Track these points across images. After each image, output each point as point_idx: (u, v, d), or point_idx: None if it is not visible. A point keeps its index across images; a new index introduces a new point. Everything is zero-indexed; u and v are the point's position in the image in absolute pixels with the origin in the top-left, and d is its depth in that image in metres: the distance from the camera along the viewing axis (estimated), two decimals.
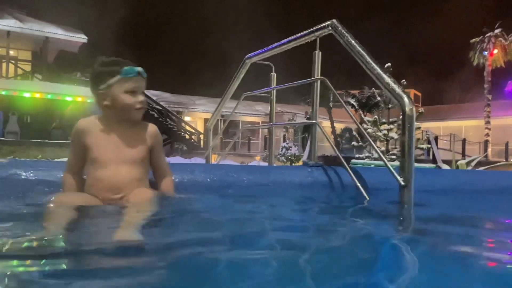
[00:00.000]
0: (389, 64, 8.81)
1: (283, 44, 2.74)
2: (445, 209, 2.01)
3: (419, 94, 35.21)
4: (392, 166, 1.88)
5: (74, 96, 19.60)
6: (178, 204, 1.85)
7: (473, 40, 26.18)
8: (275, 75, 3.26)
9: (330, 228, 1.54)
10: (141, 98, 1.79)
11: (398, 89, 1.91)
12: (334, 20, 2.32)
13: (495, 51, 25.15)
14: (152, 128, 1.89)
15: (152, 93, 24.73)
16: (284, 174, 2.39)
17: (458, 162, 6.48)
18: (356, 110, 20.90)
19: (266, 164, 13.96)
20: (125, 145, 1.78)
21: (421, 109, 8.57)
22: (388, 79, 1.96)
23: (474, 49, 26.10)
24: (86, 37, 21.98)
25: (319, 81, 2.48)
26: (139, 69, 1.77)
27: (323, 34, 2.43)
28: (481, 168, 7.27)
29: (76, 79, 22.48)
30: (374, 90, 9.20)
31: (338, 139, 23.40)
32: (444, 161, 9.90)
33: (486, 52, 25.40)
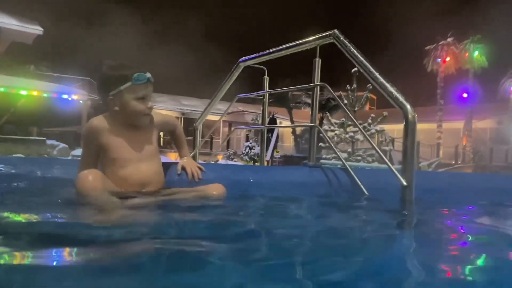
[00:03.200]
0: (355, 69, 9.15)
1: (282, 49, 2.86)
2: (443, 207, 2.19)
3: (375, 97, 36.47)
4: (357, 167, 2.05)
5: (29, 89, 18.75)
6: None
7: (428, 47, 27.54)
8: (267, 78, 3.38)
9: (334, 226, 1.63)
10: (150, 104, 1.83)
11: (401, 98, 2.07)
12: (335, 30, 2.47)
13: (448, 58, 26.56)
14: (157, 117, 1.99)
15: None
16: (285, 174, 2.51)
17: (421, 164, 6.86)
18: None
19: (233, 163, 13.91)
20: (139, 143, 1.87)
21: (385, 113, 8.97)
22: (391, 88, 2.12)
23: (428, 56, 27.47)
24: (42, 29, 21.08)
25: (318, 87, 2.62)
26: (149, 75, 1.81)
27: (324, 43, 2.57)
28: (441, 170, 7.74)
29: (30, 72, 21.55)
30: (341, 92, 9.54)
31: (298, 140, 23.81)
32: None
33: (439, 60, 26.78)
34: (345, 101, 9.42)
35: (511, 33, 25.93)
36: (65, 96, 18.50)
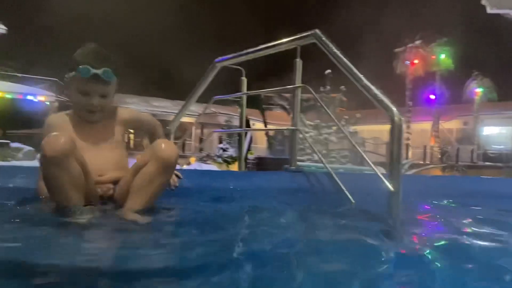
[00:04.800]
0: (329, 70, 9.18)
1: (260, 50, 2.76)
2: (431, 212, 2.14)
3: (345, 99, 36.99)
4: (337, 169, 1.98)
5: None
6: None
7: (397, 50, 28.07)
8: (245, 79, 3.27)
9: (319, 235, 1.57)
10: (93, 101, 1.72)
11: (386, 100, 2.01)
12: (317, 30, 2.38)
13: (416, 61, 27.16)
14: (122, 114, 1.89)
15: None
16: (266, 180, 2.41)
17: None
18: (288, 113, 21.43)
19: (207, 165, 13.72)
20: (98, 138, 1.79)
21: (358, 115, 9.02)
22: (375, 91, 2.05)
23: (397, 59, 28.01)
24: (6, 28, 20.27)
25: (300, 88, 2.54)
26: (97, 71, 1.68)
27: (305, 43, 2.49)
28: (414, 171, 7.84)
29: None
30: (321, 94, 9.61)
31: (271, 141, 23.80)
32: (375, 164, 10.54)
33: (408, 62, 27.34)
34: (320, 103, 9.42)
35: (476, 36, 26.80)
36: (30, 98, 17.87)
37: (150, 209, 1.68)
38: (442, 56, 27.04)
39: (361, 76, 2.13)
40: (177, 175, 2.04)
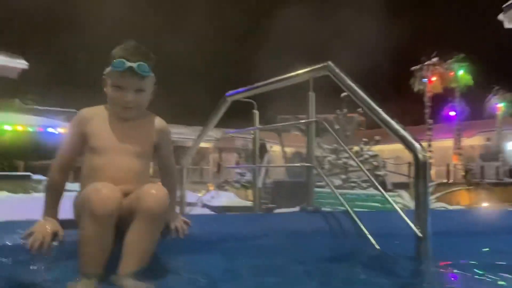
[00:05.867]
0: (345, 93, 9.03)
1: (272, 83, 2.65)
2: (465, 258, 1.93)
3: (363, 118, 36.72)
4: (355, 194, 1.81)
5: (13, 124, 18.40)
6: None
7: (413, 68, 27.81)
8: (257, 113, 3.15)
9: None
10: (128, 96, 1.65)
11: (408, 136, 1.85)
12: (330, 62, 2.26)
13: (433, 78, 26.82)
14: (160, 122, 1.81)
15: None
16: (281, 221, 2.25)
17: None
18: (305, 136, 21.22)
19: (224, 193, 13.60)
20: (128, 136, 1.70)
21: (377, 137, 8.81)
22: (396, 125, 1.90)
23: (414, 77, 27.72)
24: (27, 63, 20.90)
25: (314, 123, 2.40)
26: (131, 64, 1.61)
27: (318, 75, 2.37)
28: (438, 194, 7.53)
29: (15, 106, 21.25)
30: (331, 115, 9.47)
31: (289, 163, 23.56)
32: (397, 185, 10.19)
33: (425, 80, 27.03)
34: (337, 126, 9.26)
35: (494, 51, 26.39)
36: (51, 130, 18.18)
37: (153, 268, 1.54)
38: (461, 72, 26.64)
39: (380, 110, 1.98)
40: (185, 222, 1.91)
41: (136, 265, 1.48)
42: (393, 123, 1.91)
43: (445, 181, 19.57)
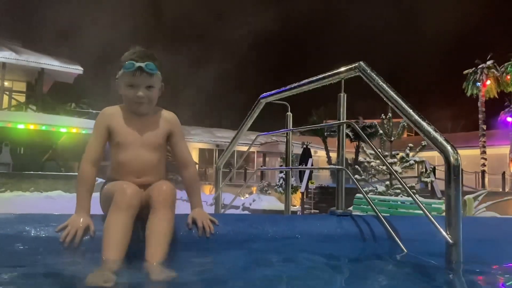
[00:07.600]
0: (390, 114, 8.81)
1: (304, 85, 2.63)
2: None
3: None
4: (395, 200, 1.74)
5: (69, 127, 19.41)
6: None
7: (466, 71, 26.56)
8: (291, 115, 3.14)
9: None
10: (140, 92, 1.85)
11: (440, 138, 1.78)
12: (361, 62, 2.22)
13: (488, 82, 25.50)
14: (169, 115, 2.01)
15: None
16: (310, 225, 2.22)
17: (466, 197, 6.32)
18: (351, 141, 20.85)
19: (266, 196, 13.61)
20: (144, 131, 1.91)
21: (424, 142, 8.49)
22: (428, 127, 1.83)
23: (467, 80, 26.46)
24: (82, 69, 21.94)
25: (345, 124, 2.36)
26: (140, 64, 1.82)
27: (349, 76, 2.33)
28: (489, 203, 7.14)
29: (71, 110, 22.38)
30: (376, 121, 9.23)
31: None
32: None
33: (479, 83, 25.75)
34: (381, 131, 9.02)
35: None
36: None
37: (178, 262, 1.59)
38: None
39: (411, 111, 1.92)
40: (212, 221, 1.93)
41: (164, 253, 1.64)
42: (424, 124, 1.85)
43: (500, 190, 18.52)
